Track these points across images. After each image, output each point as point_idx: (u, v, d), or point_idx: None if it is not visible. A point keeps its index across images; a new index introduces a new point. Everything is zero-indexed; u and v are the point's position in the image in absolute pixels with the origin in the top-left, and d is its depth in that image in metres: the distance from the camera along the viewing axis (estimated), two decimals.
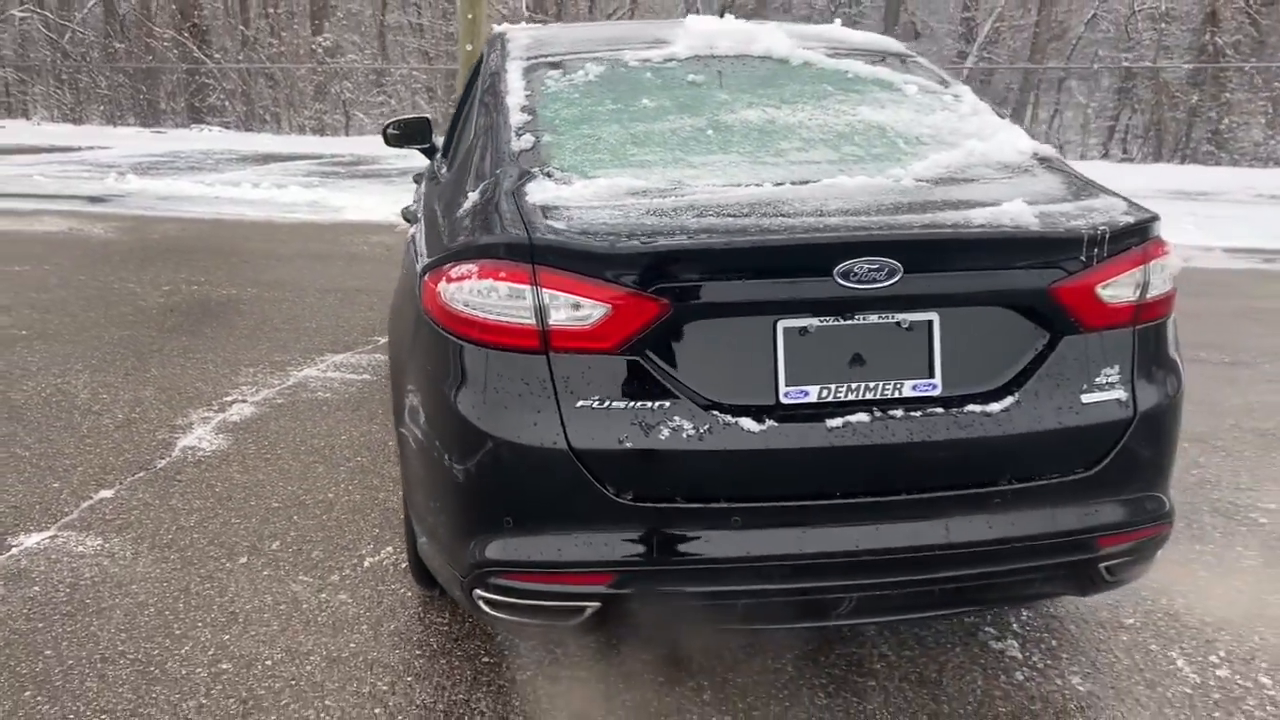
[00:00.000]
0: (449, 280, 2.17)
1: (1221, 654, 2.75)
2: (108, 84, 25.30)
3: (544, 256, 2.06)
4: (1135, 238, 2.24)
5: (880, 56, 3.15)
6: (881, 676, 2.65)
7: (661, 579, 2.13)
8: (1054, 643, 2.79)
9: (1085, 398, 2.20)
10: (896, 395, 2.14)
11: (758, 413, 2.10)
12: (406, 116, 4.38)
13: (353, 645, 2.78)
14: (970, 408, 2.15)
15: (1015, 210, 2.17)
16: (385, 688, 2.59)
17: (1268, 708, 2.52)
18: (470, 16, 9.87)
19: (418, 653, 2.74)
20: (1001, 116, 2.88)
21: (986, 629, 2.85)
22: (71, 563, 3.22)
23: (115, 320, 6.18)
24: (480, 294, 2.11)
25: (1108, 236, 2.19)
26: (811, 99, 2.80)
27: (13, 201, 11.28)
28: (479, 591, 2.20)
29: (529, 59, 3.03)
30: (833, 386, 2.13)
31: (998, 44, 24.47)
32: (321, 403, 4.70)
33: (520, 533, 2.14)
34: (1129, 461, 2.25)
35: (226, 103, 24.47)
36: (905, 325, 2.14)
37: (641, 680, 2.61)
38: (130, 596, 3.03)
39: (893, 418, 2.12)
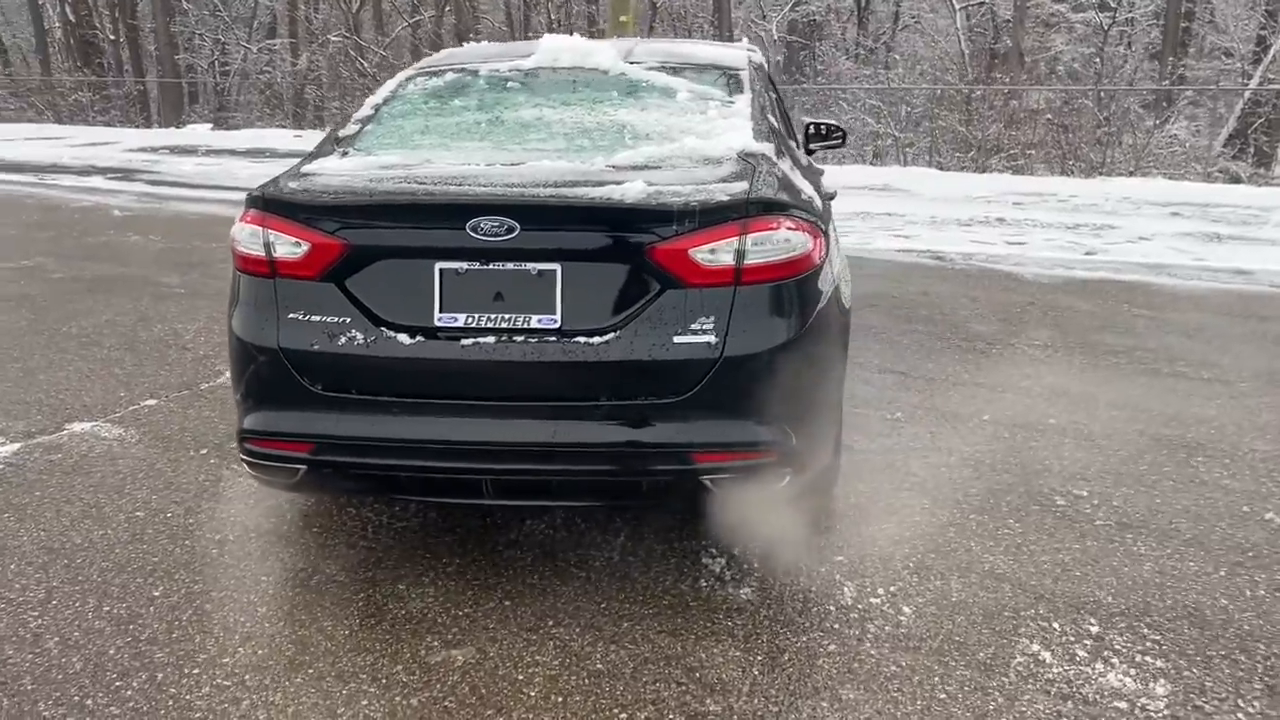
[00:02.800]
0: (236, 223, 3.03)
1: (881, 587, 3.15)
2: None
3: (270, 207, 2.89)
4: (731, 214, 2.76)
5: (703, 69, 3.74)
6: (595, 569, 3.24)
7: (343, 451, 2.89)
8: (755, 564, 3.27)
9: (677, 339, 2.75)
10: (525, 326, 2.79)
11: (414, 331, 2.82)
12: None
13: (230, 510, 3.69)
14: (579, 339, 2.77)
15: (630, 188, 2.76)
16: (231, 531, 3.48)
17: (886, 628, 2.94)
18: (623, 19, 10.84)
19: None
20: None
21: (711, 551, 3.36)
22: (93, 442, 4.34)
23: None
24: (242, 233, 2.96)
25: (698, 211, 2.74)
26: (594, 102, 3.45)
27: None
28: (242, 454, 3.03)
29: (420, 69, 3.86)
30: (478, 315, 2.81)
31: None
32: None
33: (259, 409, 2.96)
34: (718, 394, 2.77)
35: None
36: (535, 273, 2.79)
37: (400, 554, 3.36)
38: (114, 466, 4.09)
39: (514, 342, 2.78)
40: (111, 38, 31.43)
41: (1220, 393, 4.98)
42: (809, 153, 5.52)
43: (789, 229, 2.83)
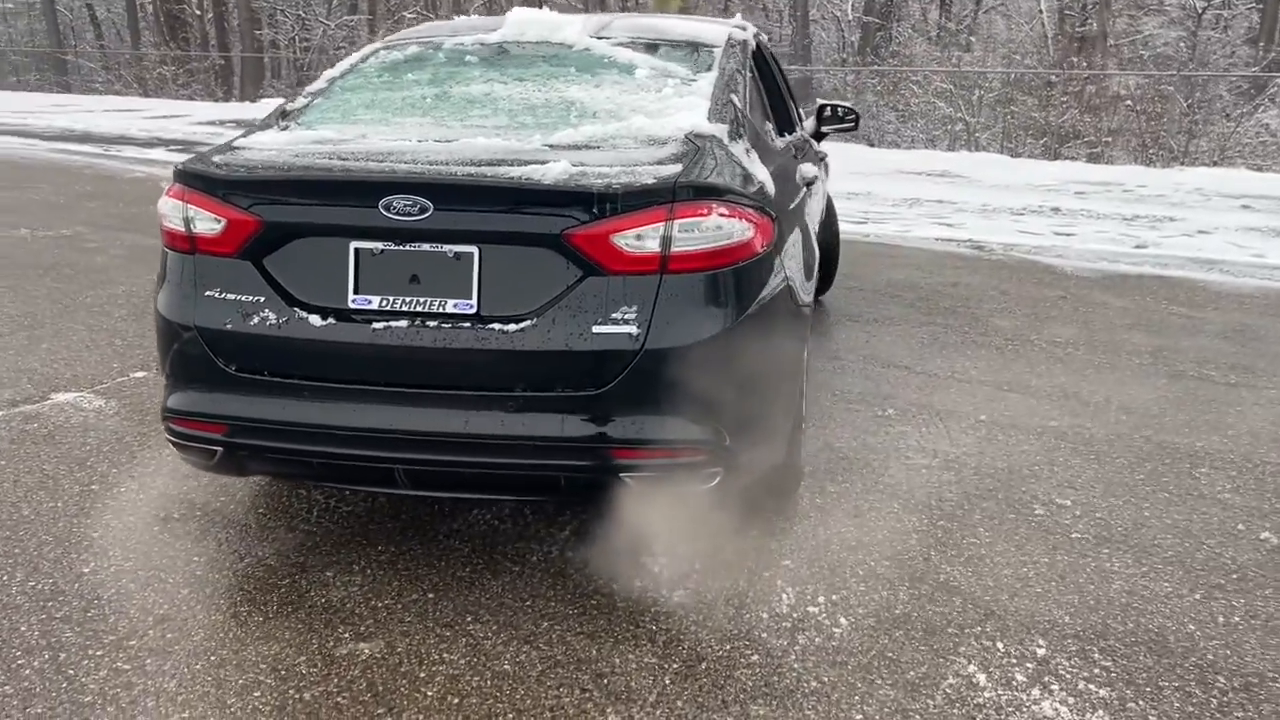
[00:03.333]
0: (162, 196, 2.96)
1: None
2: None
3: (191, 181, 2.81)
4: (657, 198, 2.61)
5: (676, 46, 3.58)
6: (531, 564, 3.13)
7: (256, 434, 2.81)
8: (696, 566, 3.13)
9: (596, 329, 2.62)
10: (440, 311, 2.68)
11: (326, 312, 2.72)
12: None
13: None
14: (494, 325, 2.64)
15: (551, 168, 2.62)
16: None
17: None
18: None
19: None
20: None
21: (654, 550, 3.22)
22: (72, 413, 4.34)
23: None
24: (165, 207, 2.89)
25: (620, 194, 2.59)
26: (549, 78, 3.31)
27: None
28: (166, 433, 2.98)
29: (387, 43, 3.76)
30: (393, 298, 2.70)
31: None
32: None
33: (178, 388, 2.90)
34: (639, 388, 2.63)
35: None
36: (452, 255, 2.67)
37: (337, 541, 3.28)
38: (84, 438, 4.08)
39: (427, 327, 2.67)
40: (197, 13, 32.03)
41: (1245, 399, 4.68)
42: (819, 136, 5.31)
43: (722, 215, 2.66)
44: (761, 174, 3.02)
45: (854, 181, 11.99)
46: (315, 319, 2.71)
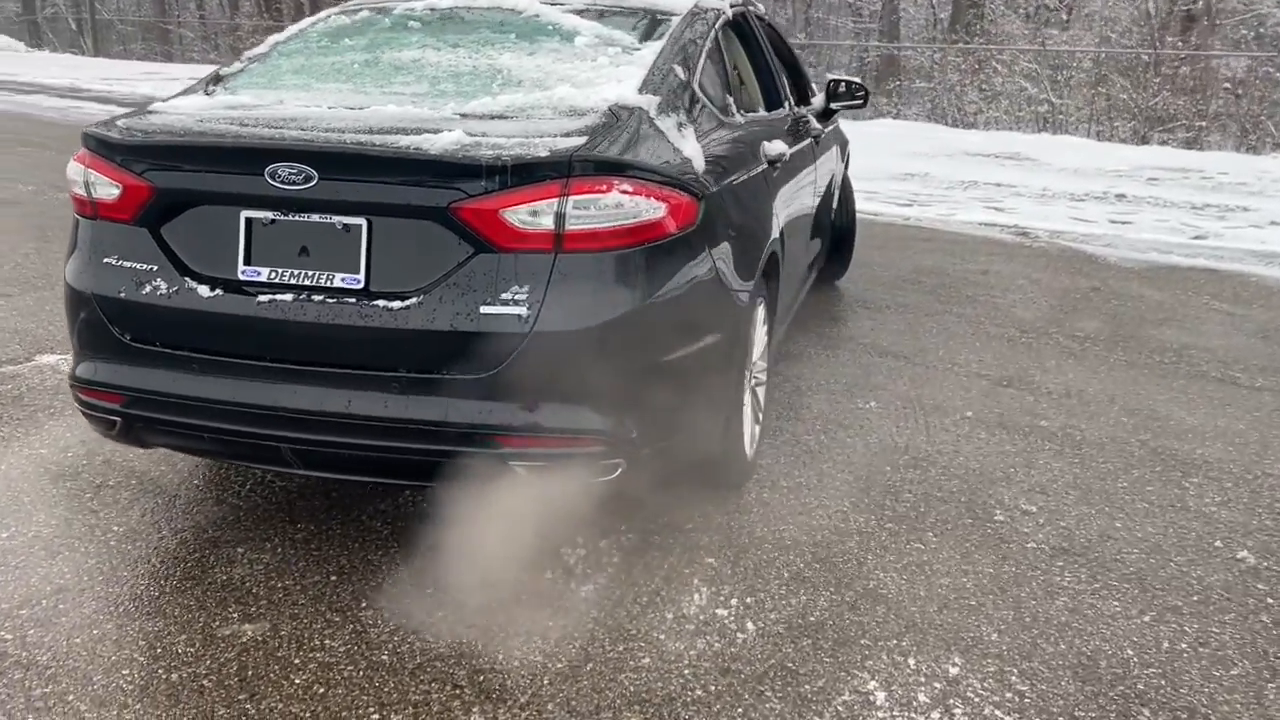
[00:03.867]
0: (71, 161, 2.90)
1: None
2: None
3: (92, 145, 2.74)
4: (550, 171, 2.46)
5: (631, 13, 3.41)
6: (447, 549, 3.00)
7: (150, 405, 2.74)
8: (615, 560, 2.99)
9: (484, 309, 2.48)
10: (327, 285, 2.57)
11: (215, 283, 2.64)
12: None
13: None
14: (379, 302, 2.53)
15: (442, 138, 2.49)
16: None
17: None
18: None
19: None
20: None
21: (577, 540, 3.09)
22: (49, 374, 4.37)
23: None
24: (71, 172, 2.83)
25: (510, 167, 2.45)
26: (485, 44, 3.17)
27: None
28: (75, 401, 2.94)
29: (341, 8, 3.66)
30: (281, 270, 2.61)
31: None
32: None
33: (82, 356, 2.85)
34: (528, 373, 2.49)
35: None
36: (342, 227, 2.57)
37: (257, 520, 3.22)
38: (52, 400, 4.10)
39: (312, 301, 2.57)
40: None
41: (1265, 404, 4.36)
42: (829, 113, 5.09)
43: (625, 192, 2.51)
44: (690, 150, 2.84)
45: (914, 162, 11.64)
46: (204, 290, 2.63)
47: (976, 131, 17.98)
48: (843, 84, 5.15)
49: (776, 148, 3.62)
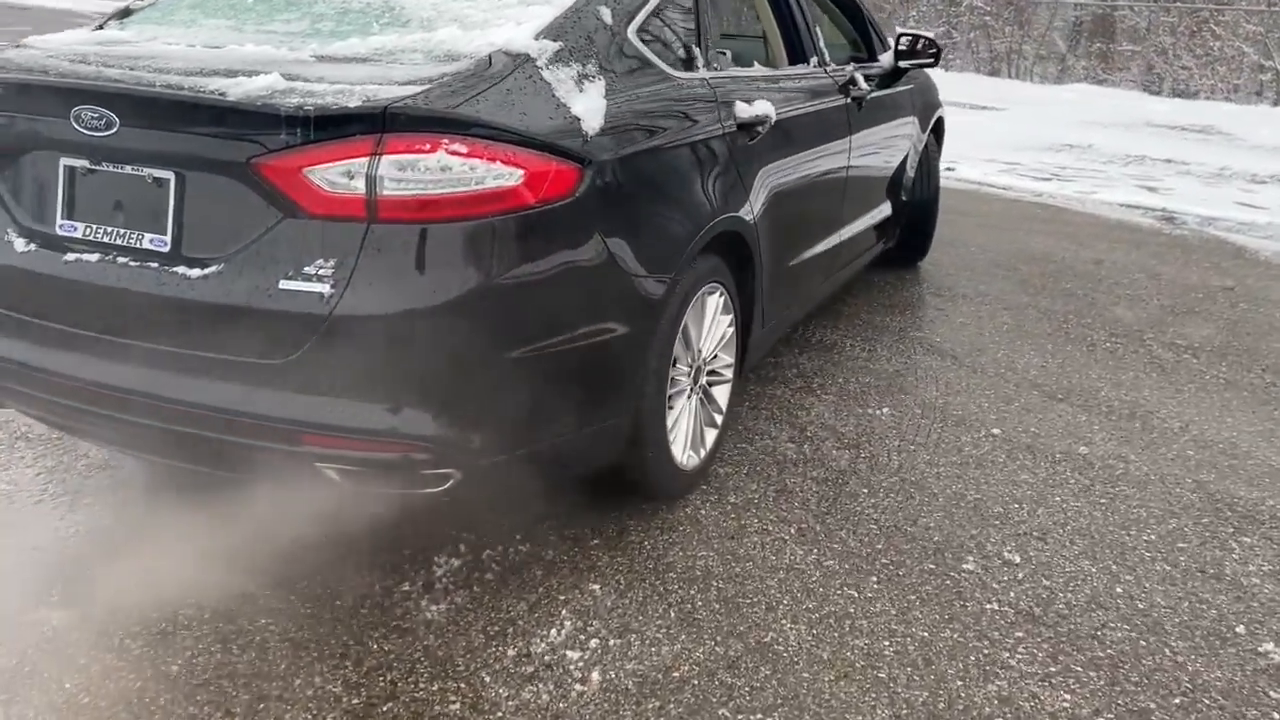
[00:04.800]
0: None
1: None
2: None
3: None
4: (360, 126, 2.08)
5: None
6: (309, 546, 2.72)
7: None
8: (489, 579, 2.63)
9: (284, 284, 2.14)
10: (135, 245, 2.28)
11: (34, 236, 2.39)
12: None
13: None
14: (179, 269, 2.22)
15: (249, 82, 2.15)
16: None
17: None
18: None
19: None
20: None
21: (459, 549, 2.74)
22: None
23: None
24: None
25: (313, 119, 2.08)
26: None
27: None
28: None
29: None
30: (96, 227, 2.33)
31: None
32: None
33: None
34: (334, 362, 2.13)
35: None
36: (152, 180, 2.26)
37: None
38: None
39: (114, 264, 2.28)
40: None
41: None
42: (899, 71, 4.48)
43: (456, 153, 2.10)
44: (585, 107, 2.39)
45: (1081, 132, 10.58)
46: (20, 243, 2.38)
47: (1185, 100, 16.38)
48: (914, 39, 4.50)
49: (757, 109, 3.09)
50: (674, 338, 2.73)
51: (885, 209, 4.64)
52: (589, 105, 2.40)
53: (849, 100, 3.93)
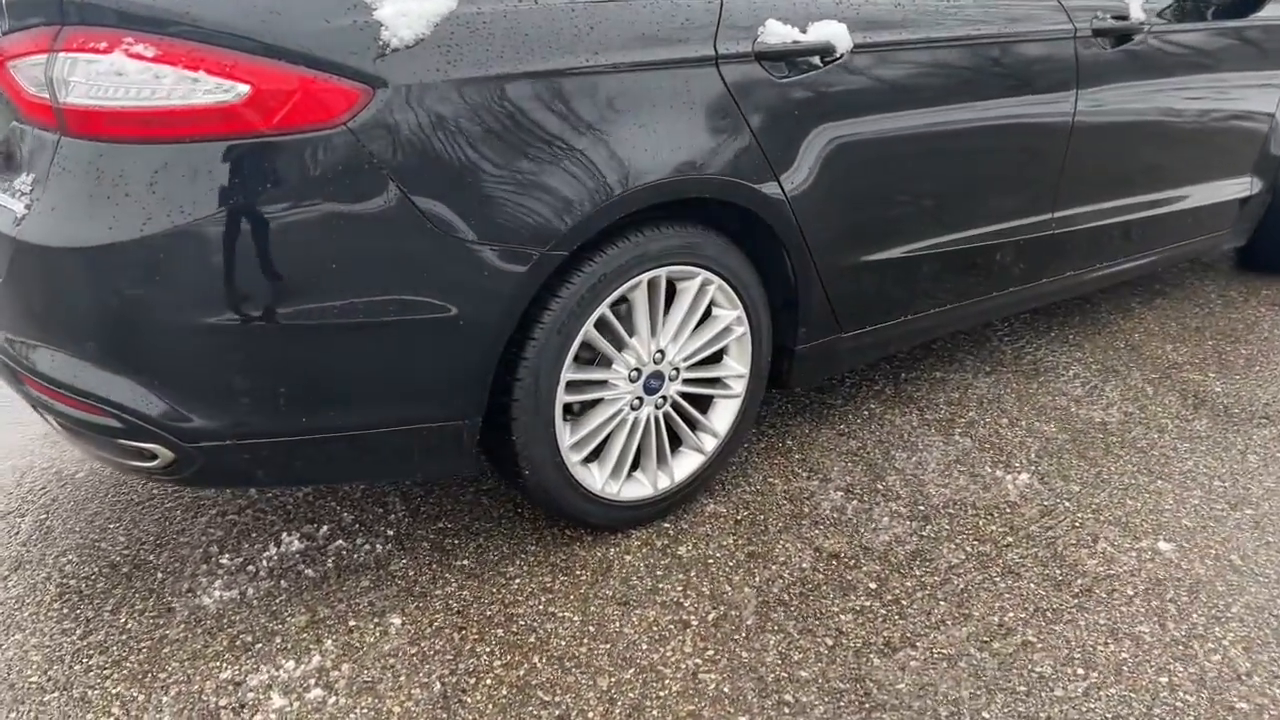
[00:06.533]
0: None
1: None
2: None
3: None
4: (39, 13, 1.72)
5: None
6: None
7: None
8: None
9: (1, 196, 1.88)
10: None
11: None
12: None
13: None
14: None
15: None
16: None
17: None
18: None
19: None
20: None
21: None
22: None
23: None
24: None
25: (4, 3, 1.76)
26: None
27: None
28: None
29: None
30: None
31: None
32: None
33: None
34: (29, 298, 1.85)
35: None
36: None
37: None
38: None
39: None
40: None
41: None
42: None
43: (137, 56, 1.66)
44: (392, 10, 1.79)
45: None
46: None
47: None
48: None
49: (814, 34, 2.23)
50: (574, 330, 2.07)
51: (1225, 188, 3.42)
52: (405, 6, 1.80)
53: (1093, 34, 2.78)
